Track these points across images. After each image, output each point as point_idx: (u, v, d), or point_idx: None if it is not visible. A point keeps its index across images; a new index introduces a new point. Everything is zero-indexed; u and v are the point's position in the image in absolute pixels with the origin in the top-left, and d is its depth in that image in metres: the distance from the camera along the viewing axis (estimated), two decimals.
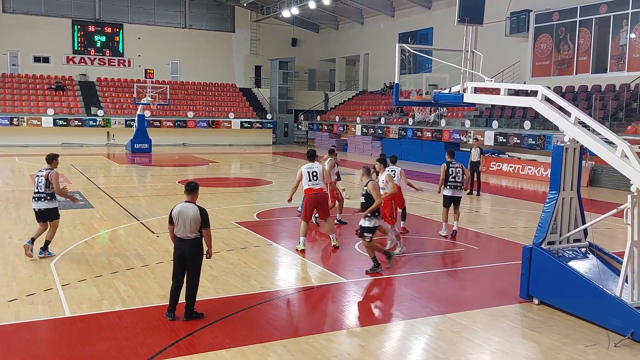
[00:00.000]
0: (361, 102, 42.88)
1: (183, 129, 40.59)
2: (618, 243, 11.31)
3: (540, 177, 23.58)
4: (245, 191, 19.26)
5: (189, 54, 45.42)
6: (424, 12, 37.56)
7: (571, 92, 26.37)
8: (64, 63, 42.27)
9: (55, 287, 8.55)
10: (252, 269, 9.77)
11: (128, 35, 43.90)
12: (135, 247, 11.11)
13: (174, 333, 6.94)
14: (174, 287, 7.34)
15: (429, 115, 26.91)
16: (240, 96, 46.00)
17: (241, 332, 7.03)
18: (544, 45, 28.32)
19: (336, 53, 48.17)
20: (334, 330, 7.22)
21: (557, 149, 8.18)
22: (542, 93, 8.50)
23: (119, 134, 38.48)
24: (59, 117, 37.78)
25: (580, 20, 26.59)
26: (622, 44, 24.95)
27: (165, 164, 27.97)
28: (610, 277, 7.85)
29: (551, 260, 7.94)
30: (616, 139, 7.57)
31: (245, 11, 46.86)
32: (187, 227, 7.18)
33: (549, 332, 7.25)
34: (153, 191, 19.05)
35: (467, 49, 10.06)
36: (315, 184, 11.15)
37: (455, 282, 9.69)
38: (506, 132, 26.57)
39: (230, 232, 12.54)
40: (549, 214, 8.14)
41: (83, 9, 42.73)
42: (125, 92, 41.77)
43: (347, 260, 10.71)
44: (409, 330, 7.33)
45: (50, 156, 10.28)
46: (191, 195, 7.37)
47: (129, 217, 14.05)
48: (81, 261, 9.99)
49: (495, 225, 14.41)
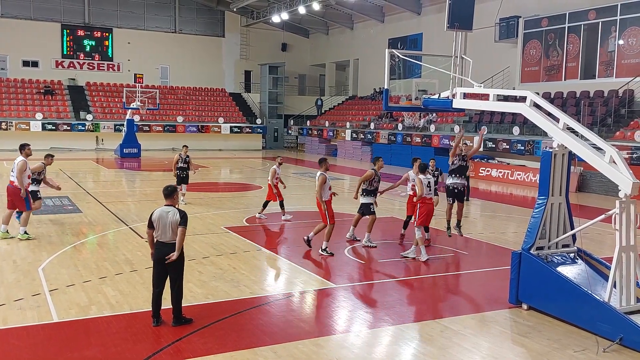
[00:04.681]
0: (351, 107, 42.95)
1: (172, 133, 40.46)
2: (607, 248, 11.38)
3: (530, 183, 23.70)
4: (235, 196, 19.21)
5: (179, 59, 45.31)
6: (413, 17, 37.73)
7: (560, 97, 26.54)
8: (53, 67, 42.01)
9: (43, 292, 8.47)
10: (242, 274, 9.74)
11: (117, 39, 43.74)
12: (124, 252, 11.04)
13: (163, 339, 6.89)
14: (155, 293, 7.28)
15: (418, 121, 27.00)
16: (230, 101, 45.94)
17: (230, 337, 7.00)
18: (533, 51, 28.51)
19: (326, 58, 48.25)
20: (323, 336, 7.20)
21: (545, 155, 8.23)
22: (531, 99, 8.55)
23: (108, 139, 38.27)
24: (47, 121, 37.54)
25: (569, 26, 26.80)
26: (611, 50, 25.17)
27: (154, 169, 27.85)
28: (599, 283, 7.89)
29: (540, 266, 7.97)
30: (604, 144, 7.62)
31: (235, 16, 46.84)
32: (168, 231, 7.14)
33: (539, 337, 7.27)
34: (142, 196, 18.96)
35: (457, 55, 10.10)
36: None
37: (445, 288, 9.71)
38: (495, 137, 26.69)
39: (219, 238, 12.49)
40: (537, 219, 8.17)
41: (72, 13, 42.51)
42: (114, 97, 41.58)
43: (337, 265, 10.70)
44: (398, 336, 7.32)
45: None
46: (170, 199, 7.35)
47: (118, 222, 13.97)
48: (69, 266, 9.91)
49: (484, 230, 14.46)
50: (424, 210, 10.92)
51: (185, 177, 16.69)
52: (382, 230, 13.25)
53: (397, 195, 19.48)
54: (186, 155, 16.68)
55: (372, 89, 41.05)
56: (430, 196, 11.07)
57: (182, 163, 16.53)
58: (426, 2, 36.57)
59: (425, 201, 10.94)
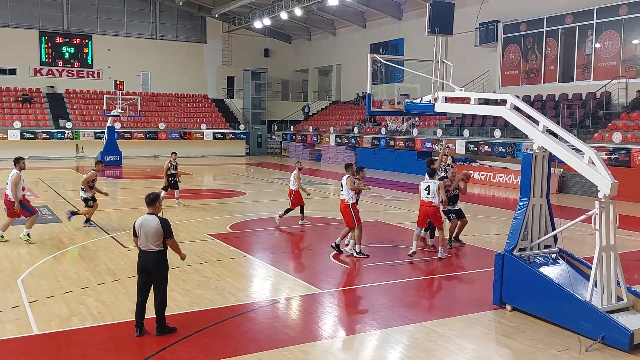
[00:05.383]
0: (334, 112, 43.04)
1: (154, 140, 40.20)
2: (587, 248, 11.49)
3: (511, 185, 23.90)
4: (219, 203, 19.11)
5: (160, 65, 45.07)
6: (395, 22, 37.96)
7: (539, 100, 26.83)
8: (31, 75, 41.53)
9: (22, 304, 8.33)
10: (226, 282, 9.68)
11: (97, 46, 43.39)
12: (105, 261, 10.91)
13: (147, 349, 6.82)
14: (139, 302, 7.21)
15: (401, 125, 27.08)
16: (212, 107, 45.77)
17: (215, 345, 6.94)
18: (512, 55, 28.80)
19: (309, 63, 48.33)
20: (309, 342, 7.17)
21: (526, 157, 8.30)
22: (511, 102, 8.63)
23: (89, 147, 37.92)
24: (26, 129, 37.07)
25: (547, 30, 27.12)
26: (588, 53, 25.51)
27: (136, 177, 27.62)
28: (581, 282, 7.97)
29: (523, 267, 8.03)
30: (583, 146, 7.71)
31: (216, 22, 46.74)
32: (150, 239, 7.09)
33: (523, 337, 7.32)
34: (124, 204, 18.79)
35: (438, 59, 10.17)
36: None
37: (429, 290, 9.74)
38: (477, 140, 26.90)
39: (203, 245, 12.41)
40: (519, 220, 8.24)
41: (51, 20, 42.08)
42: (94, 104, 41.19)
43: (322, 270, 10.68)
44: (384, 340, 7.32)
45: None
46: (152, 207, 7.30)
47: (99, 231, 13.81)
48: (50, 277, 9.76)
49: (468, 232, 14.51)
50: (420, 213, 11.58)
51: (175, 183, 17.50)
52: (368, 235, 13.26)
53: (381, 199, 19.53)
54: (175, 161, 17.55)
55: (355, 94, 41.18)
56: (429, 200, 11.32)
57: (172, 170, 17.37)
58: (407, 8, 36.82)
59: (423, 204, 11.47)
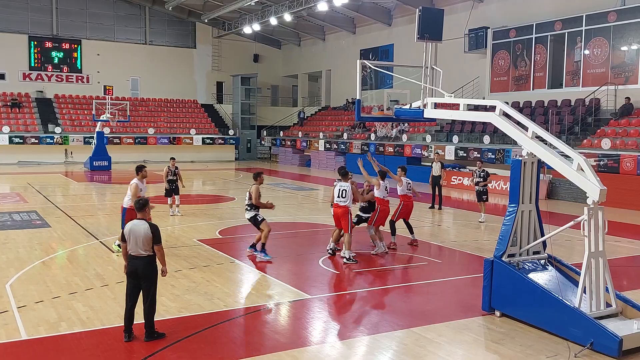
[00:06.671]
0: (324, 118, 43.09)
1: (144, 145, 40.01)
2: (576, 254, 11.57)
3: (501, 191, 23.99)
4: (208, 208, 19.05)
5: (150, 70, 44.93)
6: (384, 28, 38.10)
7: (528, 107, 27.02)
8: (20, 80, 41.25)
9: (10, 309, 8.26)
10: (215, 287, 9.64)
11: (86, 51, 43.19)
12: (94, 267, 10.84)
13: (135, 354, 6.78)
14: (128, 307, 7.17)
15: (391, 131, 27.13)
16: (202, 112, 45.67)
17: (204, 351, 6.91)
18: (501, 62, 29.00)
19: (298, 69, 48.37)
20: (298, 347, 7.15)
21: (515, 163, 8.34)
22: (501, 108, 8.68)
23: (78, 152, 37.66)
24: (14, 134, 36.80)
25: (536, 37, 27.35)
26: (577, 60, 25.74)
27: (125, 182, 27.31)
28: (569, 288, 8.00)
29: (512, 273, 8.05)
30: (572, 152, 7.77)
31: (206, 27, 46.68)
32: (139, 244, 7.07)
33: (512, 343, 7.34)
34: (113, 209, 18.66)
35: (427, 65, 10.22)
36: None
37: (418, 296, 9.74)
38: (466, 146, 27.03)
39: (192, 250, 12.36)
40: (509, 226, 8.27)
41: (40, 25, 41.85)
42: (83, 109, 40.95)
43: (311, 276, 10.67)
44: (373, 346, 7.32)
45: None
46: (142, 212, 7.30)
47: (88, 237, 13.73)
48: (38, 282, 9.69)
49: (457, 238, 14.59)
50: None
51: (176, 188, 17.49)
52: (356, 241, 13.25)
53: None
54: (175, 167, 17.63)
55: (345, 100, 41.25)
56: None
57: (171, 175, 17.44)
58: (396, 14, 36.97)
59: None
